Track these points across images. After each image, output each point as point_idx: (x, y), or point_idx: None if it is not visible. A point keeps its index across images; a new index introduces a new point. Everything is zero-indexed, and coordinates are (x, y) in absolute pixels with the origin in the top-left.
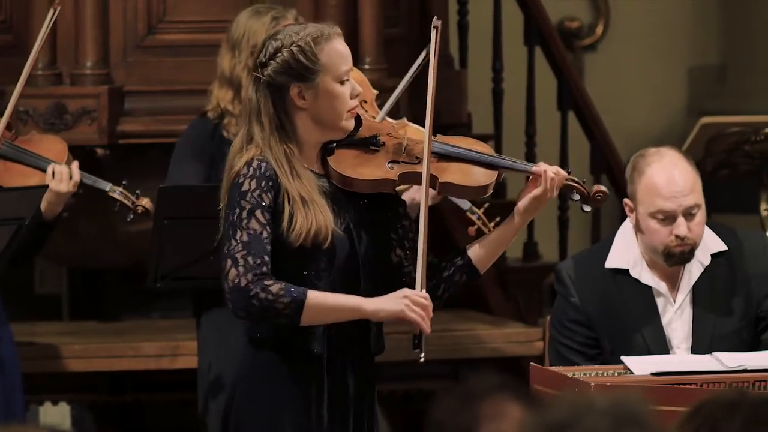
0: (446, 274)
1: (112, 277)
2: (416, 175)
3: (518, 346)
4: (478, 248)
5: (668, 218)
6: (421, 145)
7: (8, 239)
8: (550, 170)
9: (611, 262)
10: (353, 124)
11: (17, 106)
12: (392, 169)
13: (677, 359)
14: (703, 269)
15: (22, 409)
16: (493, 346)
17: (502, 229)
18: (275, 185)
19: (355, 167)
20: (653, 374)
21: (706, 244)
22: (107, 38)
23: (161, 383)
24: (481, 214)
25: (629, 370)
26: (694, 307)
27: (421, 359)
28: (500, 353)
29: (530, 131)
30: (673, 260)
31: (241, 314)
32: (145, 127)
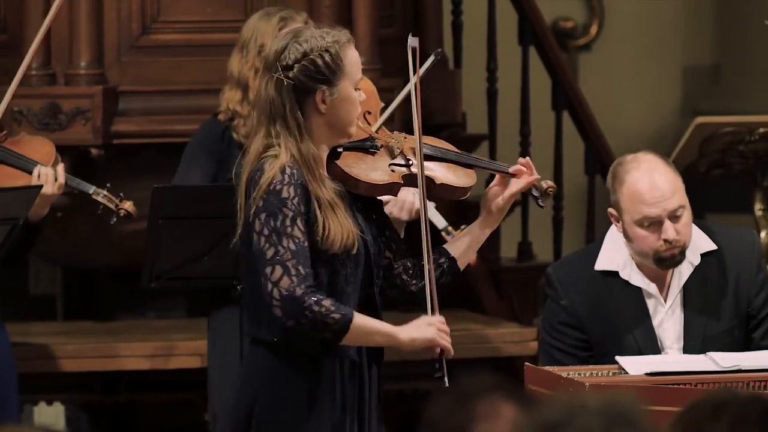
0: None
1: (106, 277)
2: (415, 177)
3: (512, 346)
4: (459, 247)
5: (654, 224)
6: (407, 144)
7: (2, 239)
8: (526, 170)
9: (601, 264)
10: (355, 130)
11: (11, 106)
12: (394, 172)
13: (672, 359)
14: (693, 269)
15: (16, 409)
16: (487, 346)
17: (481, 227)
18: (307, 193)
19: (365, 171)
20: (648, 374)
21: (695, 243)
22: (101, 38)
23: (156, 383)
24: (456, 234)
25: (624, 370)
26: (685, 307)
27: (446, 383)
28: (495, 353)
29: (525, 131)
30: (664, 264)
31: (290, 323)
32: (139, 127)
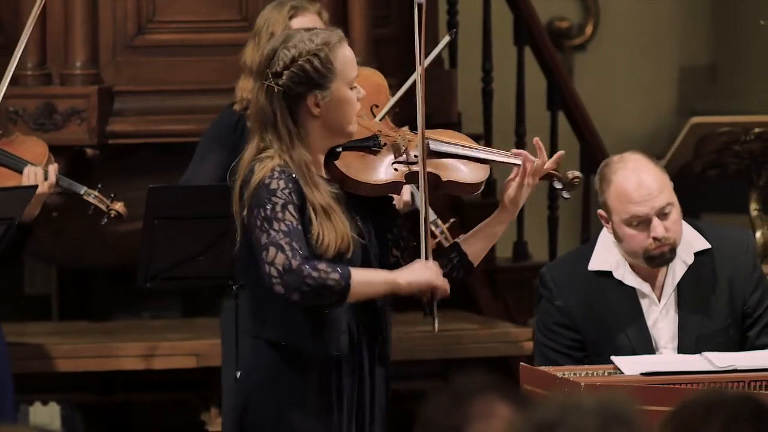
0: (444, 271)
1: (101, 277)
2: (418, 174)
3: (508, 345)
4: (471, 242)
5: (642, 222)
6: (415, 142)
7: None
8: (535, 159)
9: (594, 264)
10: (356, 128)
11: (7, 106)
12: (397, 170)
13: (667, 359)
14: (686, 268)
15: (12, 409)
16: (482, 345)
17: (494, 222)
18: (300, 191)
19: (365, 171)
20: (643, 374)
21: (689, 242)
22: (97, 38)
23: (151, 383)
24: (445, 228)
25: (619, 370)
26: (679, 306)
27: (435, 329)
28: (490, 353)
29: (520, 131)
30: (654, 263)
31: (295, 296)
32: (134, 127)
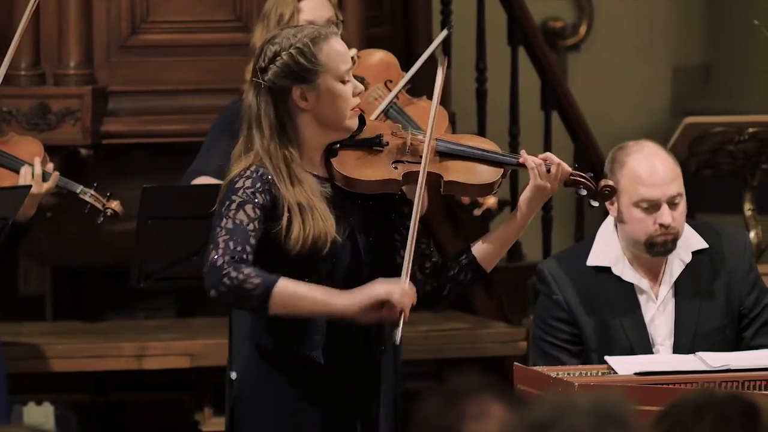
0: (451, 273)
1: (95, 277)
2: (417, 175)
3: (502, 345)
4: (482, 245)
5: (652, 207)
6: (422, 142)
7: None
8: (556, 161)
9: (593, 259)
10: (357, 122)
11: (1, 106)
12: (396, 169)
13: (661, 359)
14: (684, 266)
15: (6, 409)
16: (476, 346)
17: (506, 225)
18: (272, 189)
19: (359, 168)
20: (637, 374)
21: (687, 241)
22: (91, 38)
23: (145, 383)
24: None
25: (613, 369)
26: (676, 303)
27: (396, 341)
28: (484, 353)
29: (514, 131)
30: (655, 250)
31: (212, 293)
32: (128, 127)
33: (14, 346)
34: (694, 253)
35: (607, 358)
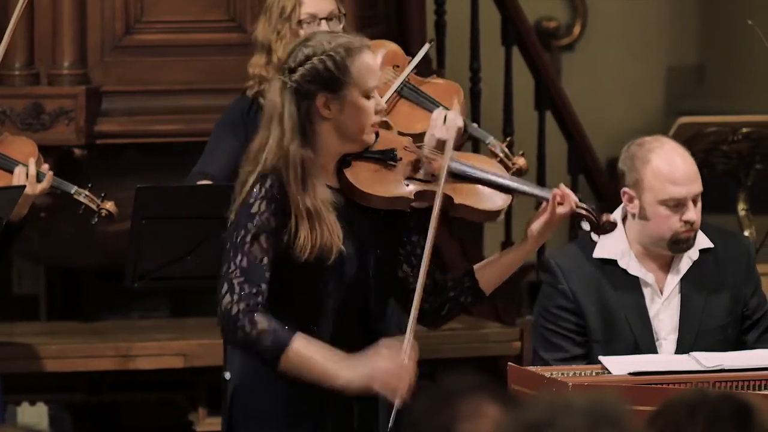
0: (452, 294)
1: (90, 276)
2: (432, 194)
3: (496, 346)
4: (485, 270)
5: (679, 205)
6: (437, 162)
7: None
8: (561, 193)
9: (599, 252)
10: (374, 138)
11: None
12: (408, 186)
13: (655, 359)
14: (691, 264)
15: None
16: (470, 346)
17: (512, 252)
18: (283, 201)
19: (371, 183)
20: (631, 374)
21: (695, 240)
22: (85, 38)
23: (139, 383)
24: (503, 147)
25: (607, 369)
26: (681, 299)
27: (389, 428)
28: (478, 353)
29: (508, 131)
30: (679, 247)
31: (226, 338)
32: (122, 127)
33: (8, 346)
34: (700, 251)
35: (601, 358)
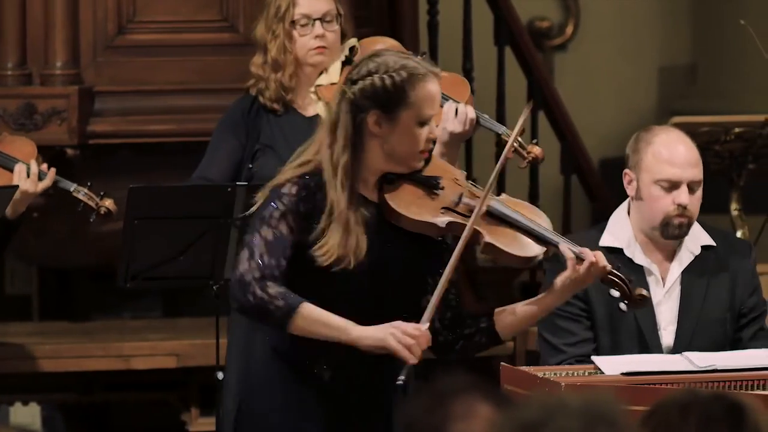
0: (468, 331)
1: (82, 277)
2: (464, 227)
3: None
4: (506, 316)
5: (672, 186)
6: (477, 196)
7: None
8: (591, 258)
9: (605, 240)
10: (422, 164)
11: None
12: (442, 215)
13: (648, 359)
14: (693, 258)
15: None
16: None
17: (534, 304)
18: (317, 198)
19: (407, 204)
20: (624, 374)
21: (696, 235)
22: (77, 38)
23: (131, 383)
24: (517, 137)
25: (599, 369)
26: (681, 292)
27: (398, 381)
28: None
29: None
30: (669, 232)
31: (235, 305)
32: (115, 127)
33: (0, 346)
34: (702, 246)
35: (593, 357)
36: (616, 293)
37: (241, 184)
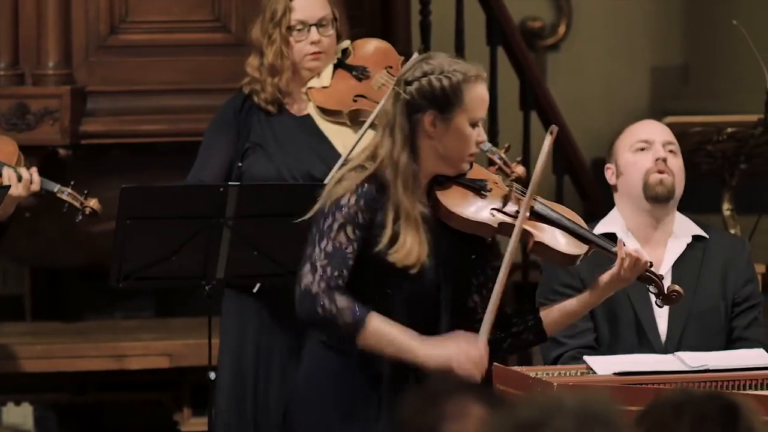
0: (515, 329)
1: (74, 277)
2: (512, 228)
3: None
4: (551, 313)
5: (647, 148)
6: (524, 200)
7: None
8: (632, 255)
9: (599, 229)
10: (469, 167)
11: None
12: (494, 216)
13: (640, 359)
14: (685, 247)
15: None
16: None
17: (578, 301)
18: (376, 206)
19: (460, 205)
20: (616, 374)
21: (688, 226)
22: (69, 38)
23: (124, 383)
24: (502, 154)
25: (592, 369)
26: (673, 280)
27: None
28: None
29: (493, 130)
30: (654, 191)
31: (304, 319)
32: (107, 127)
33: None
34: (694, 236)
35: (586, 357)
36: (653, 289)
37: (233, 184)
